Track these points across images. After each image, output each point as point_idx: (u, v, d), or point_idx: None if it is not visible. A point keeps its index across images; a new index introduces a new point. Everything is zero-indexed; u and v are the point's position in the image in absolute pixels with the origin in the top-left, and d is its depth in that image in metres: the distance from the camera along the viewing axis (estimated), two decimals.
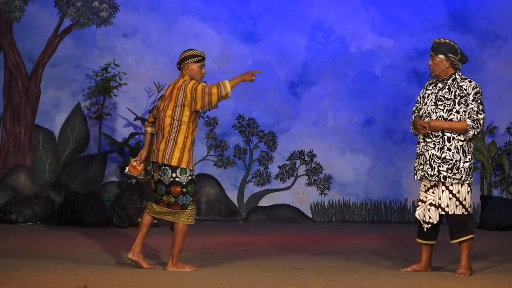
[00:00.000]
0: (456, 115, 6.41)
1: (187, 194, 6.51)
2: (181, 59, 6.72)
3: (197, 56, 6.70)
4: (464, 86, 6.46)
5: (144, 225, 6.68)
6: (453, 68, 6.53)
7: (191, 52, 6.73)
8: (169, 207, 6.54)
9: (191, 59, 6.68)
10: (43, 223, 10.98)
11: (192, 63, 6.68)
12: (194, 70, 6.69)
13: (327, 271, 6.52)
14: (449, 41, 6.57)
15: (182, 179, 6.50)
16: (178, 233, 6.52)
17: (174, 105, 6.55)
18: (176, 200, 6.51)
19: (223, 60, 12.18)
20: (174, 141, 6.51)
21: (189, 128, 6.55)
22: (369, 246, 8.64)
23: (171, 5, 12.23)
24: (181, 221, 6.50)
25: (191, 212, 6.52)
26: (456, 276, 6.29)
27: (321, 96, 12.30)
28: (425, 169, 6.45)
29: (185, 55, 6.71)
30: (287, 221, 11.90)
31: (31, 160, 11.88)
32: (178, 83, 6.64)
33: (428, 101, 6.56)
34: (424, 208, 6.53)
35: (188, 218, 6.51)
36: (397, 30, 12.29)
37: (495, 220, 10.64)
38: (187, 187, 6.50)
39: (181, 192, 6.49)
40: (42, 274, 6.16)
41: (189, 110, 6.53)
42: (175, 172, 6.50)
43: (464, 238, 6.42)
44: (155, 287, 5.68)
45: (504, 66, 12.18)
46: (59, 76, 12.02)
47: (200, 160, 12.11)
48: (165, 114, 6.59)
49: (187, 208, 6.50)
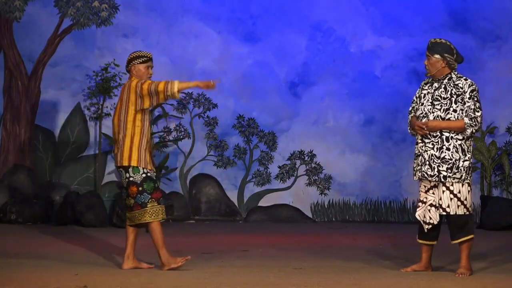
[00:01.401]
0: (454, 114, 6.40)
1: (144, 192, 6.46)
2: (127, 60, 6.69)
3: (143, 57, 6.65)
4: (460, 84, 6.45)
5: (130, 232, 6.63)
6: (449, 68, 6.52)
7: (137, 53, 6.70)
8: (132, 210, 6.52)
9: (137, 60, 6.64)
10: (43, 223, 10.98)
11: (138, 64, 6.64)
12: (141, 71, 6.64)
13: (327, 271, 6.52)
14: (445, 41, 6.56)
15: (136, 178, 6.47)
16: (152, 233, 6.50)
17: (120, 107, 6.55)
18: (135, 200, 6.48)
19: (223, 60, 12.18)
20: (122, 141, 6.49)
21: (135, 127, 6.48)
22: (369, 246, 8.63)
23: (171, 5, 12.23)
24: (147, 220, 6.48)
25: (152, 209, 6.46)
26: (456, 276, 6.29)
27: (321, 96, 12.30)
28: (425, 169, 6.44)
29: (131, 57, 6.69)
30: (287, 221, 11.90)
31: (31, 160, 11.87)
32: (125, 84, 6.65)
33: (425, 101, 6.55)
34: (425, 209, 6.52)
35: (151, 215, 6.46)
36: (397, 30, 12.30)
37: (495, 220, 10.64)
38: (142, 185, 6.46)
39: (137, 191, 6.46)
40: (42, 274, 6.16)
41: (134, 110, 6.48)
42: (128, 172, 6.48)
43: (465, 238, 6.42)
44: (155, 287, 5.68)
45: (504, 66, 12.18)
46: (59, 76, 12.02)
47: (200, 160, 12.12)
48: (113, 117, 6.60)
49: (147, 206, 6.45)
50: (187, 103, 12.08)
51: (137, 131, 6.49)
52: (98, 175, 11.81)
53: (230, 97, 12.21)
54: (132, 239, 6.62)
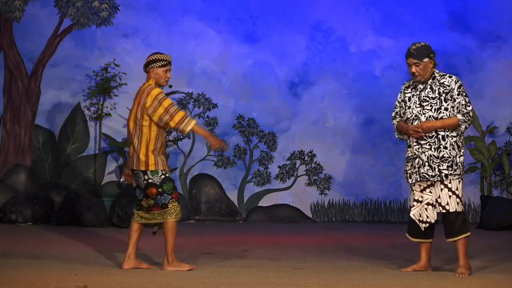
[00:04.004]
0: (445, 112, 6.44)
1: (164, 193, 6.48)
2: (146, 62, 6.63)
3: (162, 61, 6.59)
4: (446, 82, 6.50)
5: (134, 231, 6.64)
6: (433, 67, 6.60)
7: (156, 56, 6.62)
8: (150, 210, 6.53)
9: (156, 63, 6.58)
10: (43, 223, 10.98)
11: (157, 67, 6.59)
12: (159, 74, 6.60)
13: (327, 271, 6.52)
14: (424, 43, 6.66)
15: (155, 180, 6.48)
16: (168, 232, 6.50)
17: (136, 110, 6.53)
18: (155, 201, 6.50)
19: (223, 60, 12.19)
20: (138, 146, 6.49)
21: (151, 132, 6.48)
22: (369, 246, 8.63)
23: (171, 5, 12.23)
24: (168, 220, 6.49)
25: (172, 209, 6.49)
26: (456, 276, 6.28)
27: (321, 96, 12.30)
28: (424, 171, 6.44)
29: (150, 59, 6.62)
30: (287, 221, 11.90)
31: (31, 160, 11.88)
32: (144, 87, 6.59)
33: (412, 104, 6.59)
34: (421, 208, 6.53)
35: (172, 215, 6.49)
36: (397, 30, 12.29)
37: (495, 220, 10.64)
38: (162, 187, 6.48)
39: (157, 192, 6.48)
40: (42, 274, 6.16)
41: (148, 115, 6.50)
42: (146, 174, 6.49)
43: (463, 236, 6.42)
44: (155, 287, 5.68)
45: (504, 66, 12.18)
46: (59, 76, 12.02)
47: (200, 160, 12.12)
48: (129, 120, 6.59)
49: (168, 206, 6.48)
50: (187, 103, 12.09)
51: (153, 135, 6.49)
52: (98, 175, 11.81)
53: (230, 97, 12.21)
54: (136, 238, 6.62)
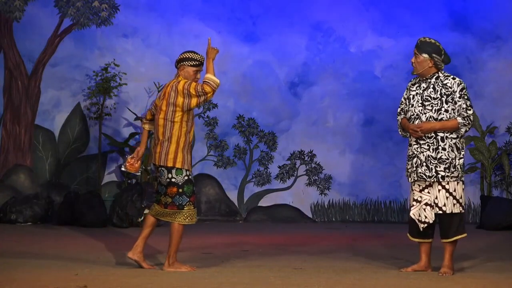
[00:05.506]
0: (446, 114, 6.42)
1: (183, 195, 6.49)
2: (179, 59, 6.67)
3: (195, 61, 6.63)
4: (449, 84, 6.47)
5: (147, 225, 6.66)
6: (436, 68, 6.55)
7: (190, 54, 6.67)
8: (166, 208, 6.54)
9: (189, 62, 6.63)
10: (43, 223, 10.98)
11: (188, 66, 6.63)
12: (189, 73, 6.63)
13: (327, 271, 6.52)
14: (434, 41, 6.60)
15: (178, 180, 6.49)
16: (174, 233, 6.50)
17: (167, 106, 6.54)
18: (172, 200, 6.50)
19: (223, 60, 12.17)
20: (168, 142, 6.50)
21: (181, 128, 6.52)
22: (369, 246, 8.63)
23: (171, 5, 12.24)
24: (177, 221, 6.49)
25: (188, 213, 6.49)
26: (439, 276, 6.28)
27: (321, 96, 12.30)
28: (422, 171, 6.44)
29: (183, 57, 6.66)
30: (287, 221, 11.90)
31: (31, 160, 11.88)
32: (171, 83, 6.62)
33: (415, 102, 6.56)
34: (420, 208, 6.53)
35: (185, 218, 6.48)
36: (397, 30, 12.30)
37: (495, 220, 10.64)
38: (183, 188, 6.49)
39: (177, 192, 6.49)
40: (42, 274, 6.16)
41: (181, 111, 6.49)
42: (170, 172, 6.49)
43: (459, 237, 6.43)
44: (155, 287, 5.68)
45: (504, 66, 12.18)
46: (59, 76, 12.02)
47: (200, 160, 12.12)
48: (158, 116, 6.59)
49: (183, 208, 6.48)
50: None
51: (183, 132, 6.52)
52: (98, 175, 11.81)
53: (230, 97, 12.22)
54: (147, 232, 6.64)
